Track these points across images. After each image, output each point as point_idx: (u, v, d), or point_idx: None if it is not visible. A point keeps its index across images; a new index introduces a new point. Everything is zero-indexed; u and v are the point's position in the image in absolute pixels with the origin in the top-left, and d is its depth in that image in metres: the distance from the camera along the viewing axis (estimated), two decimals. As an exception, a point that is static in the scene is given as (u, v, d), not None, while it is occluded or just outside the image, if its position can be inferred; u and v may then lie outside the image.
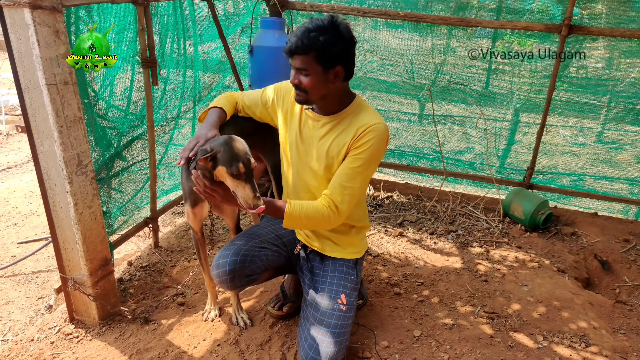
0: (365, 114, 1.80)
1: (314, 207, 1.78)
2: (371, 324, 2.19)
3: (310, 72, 1.69)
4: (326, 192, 1.80)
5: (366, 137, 1.74)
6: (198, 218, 2.07)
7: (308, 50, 1.65)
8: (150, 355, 1.97)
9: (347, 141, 1.77)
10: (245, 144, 1.70)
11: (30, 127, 1.84)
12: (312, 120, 1.88)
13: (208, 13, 3.04)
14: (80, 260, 2.03)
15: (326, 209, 1.77)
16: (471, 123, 3.77)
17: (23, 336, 2.12)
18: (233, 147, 1.65)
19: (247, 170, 1.63)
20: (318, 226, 1.89)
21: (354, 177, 1.77)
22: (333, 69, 1.70)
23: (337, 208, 1.77)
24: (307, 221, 1.79)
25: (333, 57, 1.67)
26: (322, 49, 1.65)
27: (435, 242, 3.13)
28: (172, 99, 2.93)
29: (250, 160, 1.65)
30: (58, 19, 1.73)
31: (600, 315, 2.37)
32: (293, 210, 1.75)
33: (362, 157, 1.76)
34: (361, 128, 1.75)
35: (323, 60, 1.67)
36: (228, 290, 2.02)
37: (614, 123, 3.52)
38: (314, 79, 1.70)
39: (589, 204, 3.73)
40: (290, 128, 1.94)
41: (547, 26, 3.23)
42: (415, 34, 3.65)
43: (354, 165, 1.76)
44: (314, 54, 1.66)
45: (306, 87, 1.72)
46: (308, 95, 1.75)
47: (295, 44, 1.65)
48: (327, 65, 1.68)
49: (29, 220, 3.51)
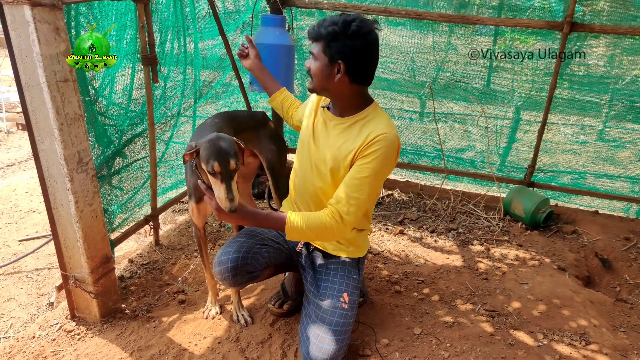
0: (377, 121, 1.76)
1: (317, 218, 1.72)
2: (371, 322, 2.19)
3: (317, 59, 1.73)
4: (331, 202, 1.75)
5: (374, 146, 1.70)
6: (202, 214, 2.07)
7: (318, 38, 1.71)
8: (151, 352, 1.97)
9: (355, 147, 1.74)
10: (230, 144, 1.65)
11: (31, 125, 1.84)
12: (325, 119, 1.88)
13: (208, 10, 3.03)
14: (81, 257, 2.04)
15: (330, 219, 1.71)
16: (472, 121, 3.76)
17: (24, 333, 2.13)
18: (214, 145, 1.63)
19: (223, 170, 1.59)
20: (322, 237, 1.84)
21: (361, 187, 1.71)
22: (336, 63, 1.70)
23: (342, 219, 1.71)
24: (310, 233, 1.73)
25: (336, 51, 1.68)
26: (329, 40, 1.68)
27: (436, 240, 3.13)
28: (173, 97, 2.92)
29: (229, 162, 1.60)
30: (58, 16, 1.72)
31: (600, 313, 2.37)
32: (294, 223, 1.70)
33: (370, 167, 1.70)
34: (370, 136, 1.71)
35: (328, 52, 1.70)
36: (229, 287, 2.02)
37: (616, 121, 3.51)
38: (319, 68, 1.73)
39: (590, 202, 3.73)
40: (306, 125, 1.97)
41: (549, 23, 3.21)
42: (416, 31, 3.64)
43: (361, 175, 1.71)
44: (323, 42, 1.70)
45: (312, 73, 1.76)
46: (313, 83, 1.78)
47: (313, 29, 1.73)
48: (332, 58, 1.70)
49: (29, 218, 3.52)
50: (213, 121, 2.13)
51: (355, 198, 1.71)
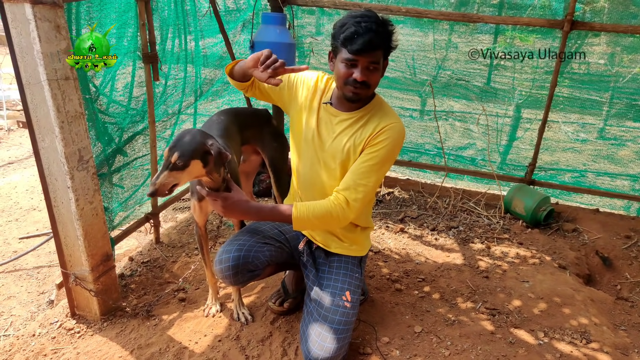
0: (383, 113, 1.79)
1: (323, 206, 1.74)
2: (372, 320, 2.19)
3: (378, 66, 1.68)
4: (338, 189, 1.77)
5: (383, 135, 1.73)
6: (204, 212, 2.08)
7: (381, 45, 1.65)
8: (151, 350, 1.97)
9: (364, 138, 1.76)
10: (192, 142, 1.63)
11: (32, 123, 1.84)
12: (330, 115, 1.85)
13: (209, 8, 3.03)
14: (81, 255, 2.04)
15: (336, 206, 1.73)
16: (473, 119, 3.76)
17: (24, 331, 2.13)
18: (179, 135, 1.66)
19: (167, 156, 1.61)
20: (329, 225, 1.87)
21: (369, 174, 1.74)
22: (385, 61, 1.72)
23: (348, 205, 1.74)
24: (317, 221, 1.75)
25: (390, 51, 1.70)
26: (389, 42, 1.67)
27: (437, 238, 3.13)
28: (173, 95, 2.92)
29: (174, 154, 1.60)
30: (59, 14, 1.72)
31: (601, 311, 2.37)
32: (300, 213, 1.72)
33: (378, 154, 1.74)
34: (379, 126, 1.74)
35: (385, 54, 1.70)
36: (230, 285, 2.02)
37: (616, 119, 3.51)
38: (379, 74, 1.71)
39: (591, 200, 3.73)
40: (307, 119, 1.89)
41: (550, 22, 3.21)
42: (417, 29, 3.64)
43: (370, 163, 1.74)
44: (381, 50, 1.66)
45: (373, 82, 1.71)
46: (369, 90, 1.73)
47: (370, 41, 1.59)
48: (385, 57, 1.71)
49: (30, 216, 3.52)
50: (219, 118, 2.13)
51: (363, 185, 1.74)
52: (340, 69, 1.68)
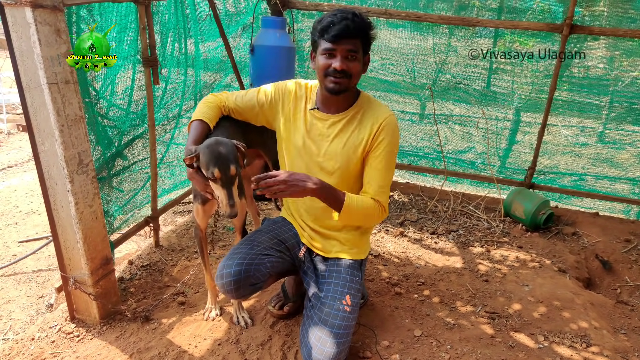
0: (375, 108, 1.84)
1: (369, 202, 1.81)
2: (372, 324, 2.19)
3: (357, 55, 1.70)
4: (369, 194, 1.83)
5: (382, 134, 1.80)
6: (207, 215, 2.09)
7: (357, 33, 1.67)
8: (150, 354, 1.97)
9: (364, 137, 1.80)
10: (230, 148, 1.66)
11: (32, 126, 1.84)
12: (319, 120, 1.86)
13: (209, 12, 3.03)
14: (81, 259, 2.03)
15: (377, 209, 1.83)
16: (472, 122, 3.77)
17: (24, 335, 2.12)
18: (213, 150, 1.64)
19: (223, 176, 1.61)
20: (370, 222, 1.93)
21: (386, 175, 1.84)
22: (366, 56, 1.73)
23: (384, 209, 1.85)
24: (361, 214, 1.80)
25: (367, 44, 1.72)
26: (366, 33, 1.69)
27: (436, 241, 3.13)
28: (173, 98, 2.93)
29: (229, 167, 1.62)
30: (59, 18, 1.72)
31: (601, 315, 2.36)
32: (351, 201, 1.76)
33: (384, 153, 1.81)
34: (376, 124, 1.79)
35: (364, 45, 1.71)
36: (233, 299, 2.03)
37: (615, 123, 3.52)
38: (359, 64, 1.72)
39: (590, 203, 3.73)
40: (295, 129, 1.91)
41: (549, 26, 3.22)
42: (417, 33, 3.65)
43: (382, 165, 1.82)
44: (361, 36, 1.68)
45: (353, 72, 1.71)
46: (350, 81, 1.73)
47: (346, 27, 1.63)
48: (365, 51, 1.72)
49: (29, 219, 3.52)
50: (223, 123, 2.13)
51: (385, 186, 1.85)
52: (319, 61, 1.72)
